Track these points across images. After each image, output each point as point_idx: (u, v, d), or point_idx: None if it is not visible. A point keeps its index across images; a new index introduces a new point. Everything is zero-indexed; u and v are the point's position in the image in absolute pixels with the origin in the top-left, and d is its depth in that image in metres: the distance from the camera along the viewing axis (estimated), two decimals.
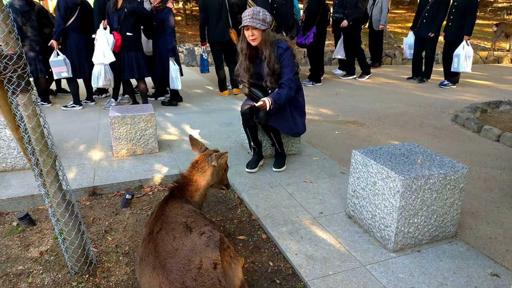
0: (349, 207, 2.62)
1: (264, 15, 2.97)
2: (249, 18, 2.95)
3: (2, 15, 1.64)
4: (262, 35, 3.00)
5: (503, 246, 2.34)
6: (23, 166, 3.38)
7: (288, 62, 3.07)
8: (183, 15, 12.91)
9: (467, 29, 6.53)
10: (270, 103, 2.94)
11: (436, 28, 6.84)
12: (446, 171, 2.20)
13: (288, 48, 3.09)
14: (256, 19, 2.94)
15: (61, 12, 5.07)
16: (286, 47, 3.08)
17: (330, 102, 6.01)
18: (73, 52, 5.30)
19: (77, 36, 5.28)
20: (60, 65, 5.17)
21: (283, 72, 3.09)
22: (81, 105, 5.53)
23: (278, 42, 3.09)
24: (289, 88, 3.06)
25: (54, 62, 5.16)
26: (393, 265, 2.15)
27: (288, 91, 3.05)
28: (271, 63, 3.06)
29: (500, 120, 5.17)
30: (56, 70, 5.19)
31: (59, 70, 5.18)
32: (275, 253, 2.35)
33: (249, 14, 2.96)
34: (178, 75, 5.36)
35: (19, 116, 1.85)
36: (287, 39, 3.20)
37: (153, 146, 3.80)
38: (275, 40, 3.10)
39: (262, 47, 3.05)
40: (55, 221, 2.05)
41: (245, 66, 3.18)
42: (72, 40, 5.26)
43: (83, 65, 5.41)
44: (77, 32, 5.27)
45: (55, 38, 5.14)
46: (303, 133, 3.48)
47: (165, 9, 5.26)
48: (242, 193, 2.99)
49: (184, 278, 1.60)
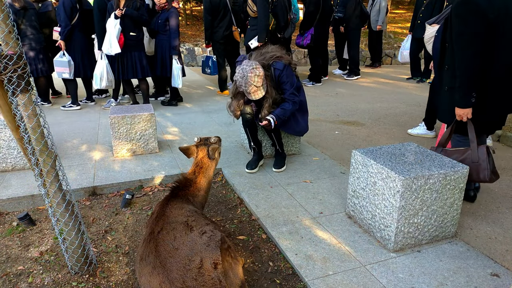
0: (349, 207, 2.62)
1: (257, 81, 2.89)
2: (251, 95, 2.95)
3: (2, 15, 1.64)
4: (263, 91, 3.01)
5: (503, 246, 2.34)
6: (23, 166, 3.38)
7: (288, 78, 3.08)
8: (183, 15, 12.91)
9: None
10: (274, 120, 2.99)
11: None
12: (446, 171, 2.20)
13: (285, 67, 3.06)
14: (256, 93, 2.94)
15: (68, 11, 5.04)
16: (282, 68, 3.05)
17: (330, 102, 6.01)
18: (77, 52, 5.29)
19: (80, 35, 5.28)
20: (63, 66, 5.17)
21: (284, 89, 3.10)
22: (79, 105, 5.51)
23: (274, 65, 3.07)
24: (293, 102, 3.10)
25: (58, 62, 5.17)
26: (393, 265, 2.15)
27: (292, 106, 3.10)
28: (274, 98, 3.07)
29: None
30: (58, 70, 5.21)
31: (61, 70, 5.19)
32: (275, 253, 2.35)
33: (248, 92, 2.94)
34: (180, 73, 5.36)
35: (19, 116, 1.85)
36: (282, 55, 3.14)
37: (153, 146, 3.80)
38: (270, 64, 3.07)
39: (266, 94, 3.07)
40: (55, 221, 2.05)
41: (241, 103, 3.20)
42: (76, 39, 5.26)
43: (85, 65, 5.41)
44: (80, 31, 5.26)
45: (62, 38, 5.12)
46: (306, 132, 3.48)
47: (170, 8, 5.27)
48: (242, 193, 2.99)
49: (184, 277, 1.60)
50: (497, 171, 2.56)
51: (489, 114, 2.51)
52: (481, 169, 2.46)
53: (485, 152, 2.46)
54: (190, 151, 2.42)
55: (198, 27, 12.49)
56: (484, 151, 2.46)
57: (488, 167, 2.45)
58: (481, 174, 2.46)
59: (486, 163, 2.45)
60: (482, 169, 2.46)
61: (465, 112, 2.45)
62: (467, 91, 2.39)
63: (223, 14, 5.89)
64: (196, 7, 14.91)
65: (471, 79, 2.36)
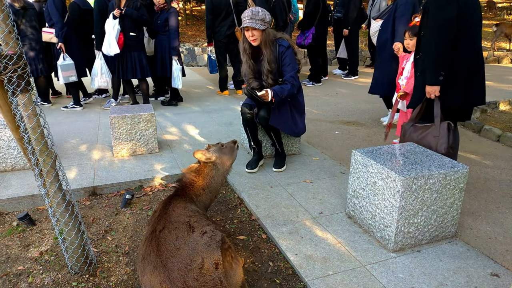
0: (349, 207, 2.62)
1: (263, 14, 2.99)
2: (248, 19, 2.96)
3: (2, 15, 1.64)
4: (262, 35, 3.02)
5: (503, 246, 2.34)
6: (23, 166, 3.38)
7: (290, 60, 3.11)
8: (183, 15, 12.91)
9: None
10: (271, 95, 2.97)
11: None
12: (446, 171, 2.20)
13: (290, 47, 3.12)
14: (255, 20, 2.95)
15: (60, 11, 4.98)
16: (287, 46, 3.11)
17: (330, 102, 6.01)
18: (73, 53, 5.26)
19: (72, 34, 5.23)
20: (70, 69, 5.10)
21: (285, 70, 3.12)
22: (81, 106, 5.52)
23: (279, 41, 3.12)
24: (291, 85, 3.09)
25: (64, 66, 5.07)
26: (393, 265, 2.15)
27: (291, 88, 3.09)
28: (271, 62, 3.09)
29: (500, 120, 5.17)
30: (65, 74, 5.10)
31: (68, 74, 5.09)
32: (275, 253, 2.35)
33: (248, 15, 2.97)
34: (179, 74, 5.36)
35: (19, 116, 1.85)
36: (288, 38, 3.22)
37: (153, 146, 3.80)
38: (276, 39, 3.12)
39: (262, 46, 3.07)
40: (55, 221, 2.05)
41: (250, 64, 3.21)
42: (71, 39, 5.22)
43: (81, 66, 5.39)
44: (71, 30, 5.21)
45: (60, 40, 5.04)
46: (303, 133, 3.48)
47: (170, 9, 5.27)
48: (242, 193, 2.99)
49: (185, 277, 1.60)
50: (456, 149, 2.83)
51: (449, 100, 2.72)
52: (440, 142, 2.69)
53: (446, 127, 2.68)
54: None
55: (198, 27, 12.49)
56: (445, 127, 2.68)
57: (447, 141, 2.67)
58: (439, 147, 2.68)
59: (446, 138, 2.67)
60: (441, 143, 2.68)
61: (433, 89, 2.67)
62: (437, 69, 2.61)
63: (225, 14, 5.89)
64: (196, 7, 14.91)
65: (442, 58, 2.60)
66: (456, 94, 2.70)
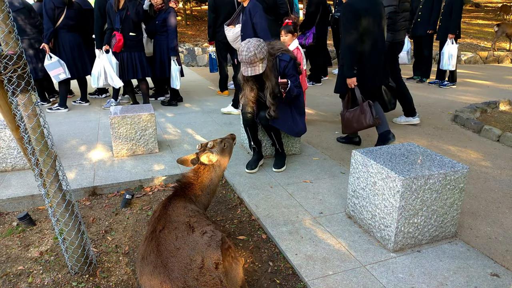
0: (349, 207, 2.62)
1: (259, 51, 2.87)
2: (249, 67, 2.91)
3: (2, 15, 1.64)
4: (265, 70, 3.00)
5: (503, 246, 2.34)
6: (23, 166, 3.38)
7: (293, 71, 3.16)
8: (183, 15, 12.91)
9: (450, 27, 6.60)
10: (289, 86, 3.00)
11: (433, 26, 6.88)
12: (446, 171, 2.20)
13: (291, 59, 3.15)
14: (255, 65, 2.91)
15: (49, 14, 4.93)
16: (288, 59, 3.13)
17: (330, 102, 6.01)
18: (67, 53, 5.20)
19: (68, 35, 5.17)
20: (55, 67, 5.05)
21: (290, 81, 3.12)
22: (67, 107, 5.38)
23: (280, 56, 3.13)
24: (298, 90, 3.16)
25: (49, 65, 5.04)
26: (393, 265, 2.15)
27: (297, 92, 3.15)
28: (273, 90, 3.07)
29: (500, 120, 5.17)
30: (53, 73, 5.06)
31: (56, 72, 5.06)
32: (275, 253, 2.35)
33: (247, 61, 2.88)
34: (178, 74, 5.36)
35: (19, 116, 1.85)
36: (287, 50, 3.23)
37: (153, 146, 3.80)
38: (277, 55, 3.13)
39: (264, 78, 3.05)
40: (55, 221, 2.05)
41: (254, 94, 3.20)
42: (64, 40, 5.16)
43: (77, 65, 5.32)
44: (68, 31, 5.16)
45: (45, 41, 5.00)
46: (304, 133, 3.48)
47: (168, 9, 5.27)
48: (242, 193, 2.99)
49: (185, 277, 1.60)
50: (383, 119, 3.69)
51: (363, 86, 3.66)
52: (365, 116, 3.58)
53: (367, 105, 3.58)
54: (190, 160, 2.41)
55: (198, 27, 12.49)
56: (367, 104, 3.59)
57: (371, 114, 3.56)
58: (366, 119, 3.58)
59: (369, 112, 3.57)
60: (366, 117, 3.58)
61: (351, 80, 3.61)
62: (350, 65, 3.55)
63: (227, 14, 5.88)
64: (196, 7, 14.92)
65: (352, 57, 3.55)
66: (366, 81, 3.65)
